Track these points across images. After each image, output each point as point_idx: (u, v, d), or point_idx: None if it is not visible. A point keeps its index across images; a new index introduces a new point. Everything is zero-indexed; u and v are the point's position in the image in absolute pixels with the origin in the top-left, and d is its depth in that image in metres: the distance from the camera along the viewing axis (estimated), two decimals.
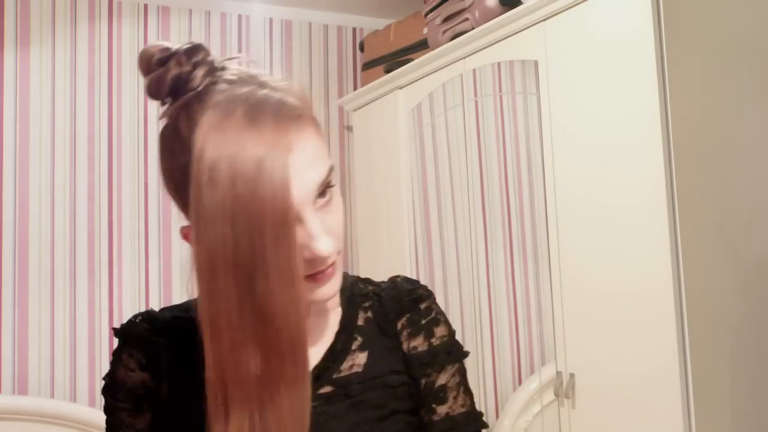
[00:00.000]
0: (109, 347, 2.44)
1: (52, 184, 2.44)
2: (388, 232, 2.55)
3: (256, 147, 0.64)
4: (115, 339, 0.84)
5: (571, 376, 1.77)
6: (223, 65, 0.73)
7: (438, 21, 2.30)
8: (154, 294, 2.54)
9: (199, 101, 0.69)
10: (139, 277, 2.53)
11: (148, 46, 0.72)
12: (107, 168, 2.52)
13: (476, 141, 2.18)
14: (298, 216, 0.68)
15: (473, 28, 2.13)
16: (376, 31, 2.75)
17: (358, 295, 0.87)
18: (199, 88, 0.70)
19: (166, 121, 0.73)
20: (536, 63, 1.90)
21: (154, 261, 2.55)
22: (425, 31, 2.41)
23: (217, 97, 0.68)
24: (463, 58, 2.18)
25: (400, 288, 0.87)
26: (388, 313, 0.85)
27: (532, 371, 2.02)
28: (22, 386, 2.33)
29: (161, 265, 2.56)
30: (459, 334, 0.89)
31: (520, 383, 2.08)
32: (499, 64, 2.08)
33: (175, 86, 0.71)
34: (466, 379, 0.87)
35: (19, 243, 2.38)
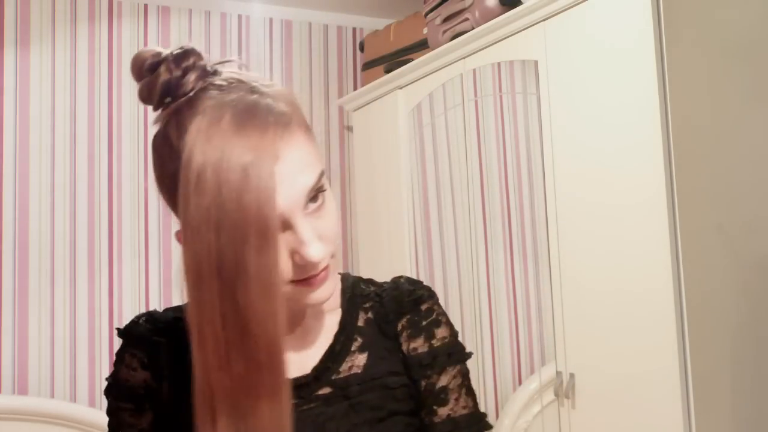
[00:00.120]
0: (109, 347, 2.44)
1: (52, 184, 2.44)
2: (388, 232, 2.54)
3: (243, 154, 0.64)
4: (115, 339, 0.85)
5: (571, 376, 1.77)
6: (216, 69, 0.73)
7: (438, 21, 2.30)
8: (154, 294, 2.54)
9: (189, 107, 0.69)
10: (139, 277, 2.53)
11: (141, 51, 0.72)
12: (107, 168, 2.52)
13: (476, 141, 2.18)
14: (287, 222, 0.68)
15: (473, 28, 2.13)
16: (376, 31, 2.75)
17: (359, 296, 0.86)
18: (191, 93, 0.70)
19: (158, 127, 0.73)
20: (536, 63, 1.90)
21: (154, 261, 2.55)
22: (425, 31, 2.41)
23: (207, 103, 0.68)
24: (463, 58, 2.18)
25: (401, 289, 0.87)
26: (388, 314, 0.85)
27: (532, 371, 2.02)
28: (22, 386, 2.33)
29: (161, 265, 2.56)
30: (459, 335, 0.88)
31: (520, 383, 2.08)
32: (499, 64, 2.08)
33: (166, 92, 0.71)
34: (469, 381, 0.87)
35: (19, 243, 2.38)
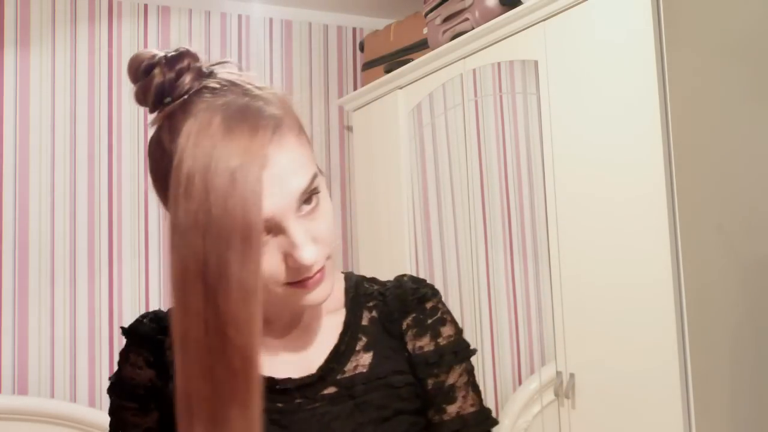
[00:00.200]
0: (109, 347, 2.43)
1: (52, 184, 2.44)
2: (388, 232, 2.54)
3: (231, 159, 0.63)
4: (115, 339, 0.85)
5: (571, 376, 1.77)
6: (212, 71, 0.73)
7: (438, 21, 2.30)
8: (154, 294, 2.54)
9: (182, 111, 0.69)
10: (139, 277, 2.53)
11: (137, 54, 0.72)
12: (107, 168, 2.52)
13: (476, 141, 2.18)
14: (279, 225, 0.68)
15: (473, 28, 2.13)
16: (376, 31, 2.75)
17: (363, 295, 0.86)
18: (185, 96, 0.70)
19: (153, 130, 0.73)
20: (536, 63, 1.90)
21: (154, 261, 2.55)
22: (425, 31, 2.41)
23: (198, 107, 0.68)
24: (463, 58, 2.18)
25: (405, 287, 0.87)
26: (393, 313, 0.85)
27: (532, 371, 2.02)
28: (22, 386, 2.33)
29: (161, 265, 2.56)
30: (463, 332, 0.89)
31: (520, 383, 2.08)
32: (499, 64, 2.08)
33: (160, 94, 0.71)
34: (474, 378, 0.87)
35: (19, 243, 2.38)
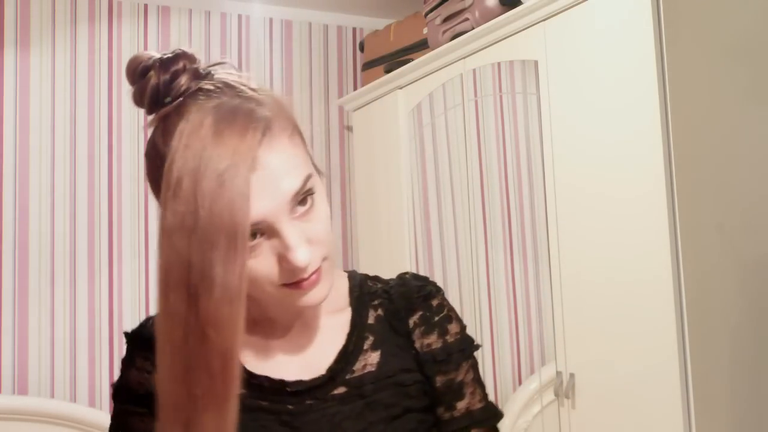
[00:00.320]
0: (109, 347, 2.43)
1: (52, 184, 2.44)
2: (388, 232, 2.54)
3: (219, 161, 0.64)
4: (116, 340, 0.84)
5: (571, 376, 1.77)
6: (209, 72, 0.73)
7: (438, 21, 2.30)
8: (154, 294, 2.54)
9: (176, 113, 0.69)
10: (139, 277, 2.53)
11: (136, 55, 0.72)
12: (107, 168, 2.52)
13: (476, 141, 2.18)
14: (272, 227, 0.68)
15: (473, 28, 2.13)
16: (376, 31, 2.75)
17: (367, 294, 0.86)
18: (181, 97, 0.70)
19: (150, 132, 0.73)
20: (536, 63, 1.90)
21: (154, 261, 2.54)
22: (425, 31, 2.41)
23: (191, 109, 0.68)
24: (463, 58, 2.18)
25: (409, 285, 0.87)
26: (399, 311, 0.85)
27: (532, 371, 2.02)
28: (22, 386, 2.33)
29: None
30: (467, 327, 0.90)
31: (520, 383, 2.08)
32: (499, 64, 2.08)
33: (155, 96, 0.71)
34: (479, 372, 0.89)
35: (19, 243, 2.38)
